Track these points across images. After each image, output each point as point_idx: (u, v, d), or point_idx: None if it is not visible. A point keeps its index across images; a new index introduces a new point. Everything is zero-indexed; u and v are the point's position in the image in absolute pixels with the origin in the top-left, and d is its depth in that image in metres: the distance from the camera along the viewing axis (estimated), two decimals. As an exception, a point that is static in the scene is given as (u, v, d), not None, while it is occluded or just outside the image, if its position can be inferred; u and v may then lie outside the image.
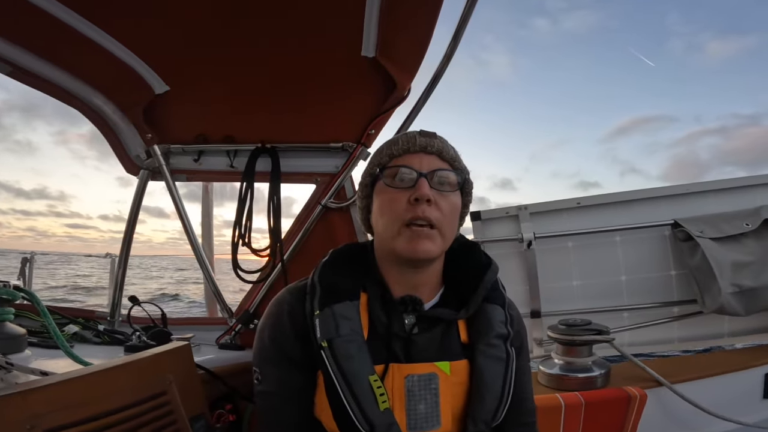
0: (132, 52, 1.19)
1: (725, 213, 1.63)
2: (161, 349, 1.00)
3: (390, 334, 0.74)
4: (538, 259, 1.72)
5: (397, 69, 1.26)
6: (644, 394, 1.30)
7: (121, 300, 1.59)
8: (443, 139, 0.80)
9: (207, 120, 1.47)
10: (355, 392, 0.69)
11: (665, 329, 1.69)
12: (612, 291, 1.71)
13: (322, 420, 0.74)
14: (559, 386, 1.40)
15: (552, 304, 1.72)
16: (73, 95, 1.34)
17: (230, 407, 1.34)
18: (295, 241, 1.52)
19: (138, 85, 1.29)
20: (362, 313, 0.75)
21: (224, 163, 1.53)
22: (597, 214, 1.72)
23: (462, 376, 0.76)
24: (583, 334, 1.39)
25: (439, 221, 0.73)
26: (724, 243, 1.54)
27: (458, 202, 0.78)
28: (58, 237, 66.90)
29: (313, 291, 0.77)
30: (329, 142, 1.49)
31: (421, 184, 0.73)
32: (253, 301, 1.57)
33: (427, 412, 0.73)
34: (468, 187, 0.81)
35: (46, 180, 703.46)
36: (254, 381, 0.80)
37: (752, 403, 1.46)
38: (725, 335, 1.69)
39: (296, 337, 0.76)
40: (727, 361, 1.51)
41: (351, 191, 1.52)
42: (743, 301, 1.49)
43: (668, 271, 1.70)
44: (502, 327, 0.79)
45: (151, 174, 1.53)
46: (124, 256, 1.56)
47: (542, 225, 1.72)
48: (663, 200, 1.70)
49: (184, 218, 1.55)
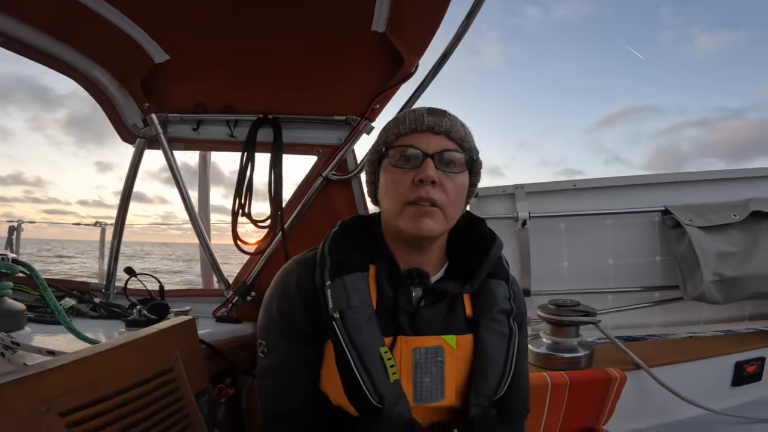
0: (132, 20, 1.13)
1: (715, 203, 1.68)
2: (167, 325, 0.98)
3: (397, 307, 0.75)
4: (531, 239, 1.76)
5: (406, 46, 1.25)
6: (624, 376, 1.36)
7: (116, 271, 1.56)
8: (453, 118, 0.78)
9: (207, 89, 1.43)
10: (366, 364, 0.69)
11: (647, 313, 1.76)
12: (599, 273, 1.77)
13: (328, 393, 0.75)
14: (546, 365, 1.46)
15: (542, 283, 1.77)
16: (69, 65, 1.28)
17: (229, 381, 1.36)
18: (294, 212, 1.52)
19: (138, 55, 1.24)
20: (371, 285, 0.76)
21: (224, 133, 1.49)
22: (591, 197, 1.76)
23: (467, 349, 0.77)
24: (571, 315, 1.45)
25: (443, 202, 0.73)
26: (710, 232, 1.59)
27: (465, 182, 0.78)
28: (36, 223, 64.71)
29: (323, 262, 0.77)
30: (333, 114, 1.47)
31: (426, 165, 0.72)
32: (250, 273, 1.57)
33: (433, 384, 0.74)
34: (476, 167, 0.81)
35: (21, 166, 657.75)
36: (259, 354, 0.79)
37: (722, 390, 1.55)
38: (702, 322, 1.78)
39: (304, 308, 0.76)
40: (702, 348, 1.58)
41: (353, 164, 1.52)
42: (723, 289, 1.55)
43: (654, 256, 1.76)
44: (505, 302, 0.81)
45: (148, 143, 1.48)
46: (120, 225, 1.53)
47: (537, 205, 1.75)
48: (656, 187, 1.75)
49: (181, 186, 1.52)
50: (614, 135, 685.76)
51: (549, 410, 1.35)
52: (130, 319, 1.23)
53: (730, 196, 1.71)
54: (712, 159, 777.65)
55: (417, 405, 0.73)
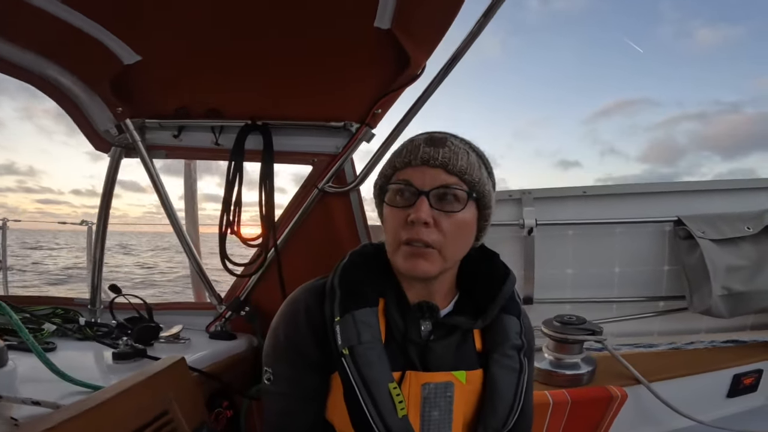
0: (91, 19, 0.98)
1: (728, 214, 1.62)
2: (158, 368, 0.95)
3: (406, 340, 0.74)
4: (537, 245, 1.69)
5: (413, 44, 1.11)
6: (625, 394, 1.35)
7: (100, 286, 1.47)
8: (456, 146, 0.71)
9: (188, 92, 1.28)
10: (375, 399, 0.68)
11: (648, 322, 1.74)
12: (604, 282, 1.73)
13: (334, 423, 0.74)
14: (547, 381, 1.43)
15: (544, 291, 1.73)
16: (25, 69, 1.13)
17: (227, 404, 1.32)
18: (288, 227, 1.41)
19: (103, 56, 1.09)
20: (380, 318, 0.74)
21: (208, 140, 1.36)
22: (601, 204, 1.68)
23: (476, 384, 0.76)
24: (576, 334, 1.41)
25: (439, 242, 0.69)
26: (722, 245, 1.54)
27: (468, 217, 0.72)
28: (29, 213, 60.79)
29: (332, 294, 0.74)
30: (329, 120, 1.34)
31: (419, 206, 0.67)
32: (244, 288, 1.49)
33: (440, 418, 0.73)
34: (485, 200, 0.74)
35: (13, 155, 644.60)
36: (264, 381, 0.78)
37: (716, 402, 1.55)
38: (703, 331, 1.76)
39: (313, 338, 0.74)
40: (703, 361, 1.57)
41: (351, 175, 1.39)
42: (730, 304, 1.52)
43: (662, 266, 1.71)
44: (517, 338, 0.79)
45: (124, 151, 1.34)
46: (100, 240, 1.42)
47: (545, 211, 1.68)
48: (668, 195, 1.68)
49: (164, 198, 1.40)
50: (610, 127, 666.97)
51: (548, 429, 1.34)
52: (117, 351, 1.16)
53: (745, 206, 1.65)
54: (708, 153, 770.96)
55: None
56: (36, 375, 0.99)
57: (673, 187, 1.68)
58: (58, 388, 0.93)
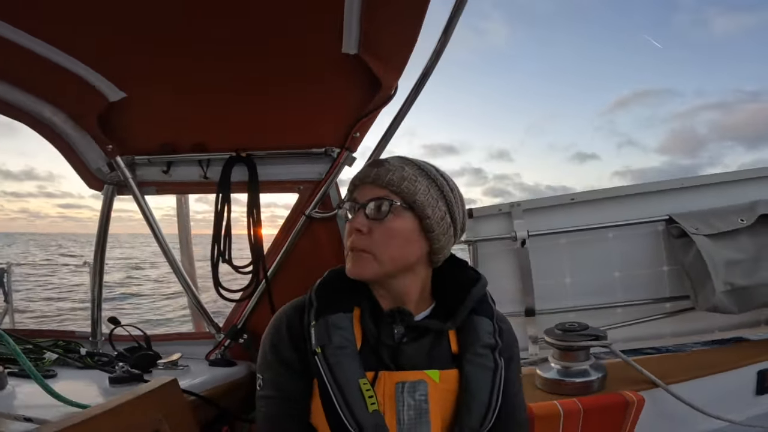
0: (75, 58, 1.04)
1: (720, 208, 1.59)
2: (147, 388, 0.97)
3: (379, 343, 0.78)
4: (532, 257, 1.68)
5: (382, 66, 1.15)
6: (641, 398, 1.29)
7: (100, 318, 1.51)
8: (391, 164, 0.79)
9: (173, 127, 1.34)
10: (345, 395, 0.72)
11: (658, 324, 1.69)
12: (606, 288, 1.69)
13: (317, 426, 0.78)
14: (556, 391, 1.39)
15: (545, 301, 1.70)
16: (19, 109, 1.19)
17: (226, 429, 1.33)
18: (279, 256, 1.44)
19: (88, 94, 1.15)
20: (356, 326, 0.79)
21: (197, 174, 1.40)
22: (591, 210, 1.66)
23: (452, 383, 0.79)
24: (580, 340, 1.37)
25: (371, 248, 0.77)
26: (718, 240, 1.50)
27: (398, 225, 0.77)
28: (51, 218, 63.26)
29: (310, 305, 0.81)
30: (311, 147, 1.37)
31: (355, 217, 0.78)
32: (240, 316, 1.51)
33: (417, 418, 0.76)
34: (420, 209, 0.78)
35: (32, 161, 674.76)
36: (257, 387, 0.83)
37: (745, 400, 1.48)
38: (717, 329, 1.70)
39: (293, 345, 0.80)
40: (721, 359, 1.51)
41: (336, 199, 1.42)
42: (736, 299, 1.48)
43: (661, 266, 1.67)
44: (489, 337, 0.82)
45: (117, 188, 1.40)
46: (98, 274, 1.47)
47: (535, 222, 1.67)
48: (657, 195, 1.66)
49: (157, 233, 1.45)
50: (628, 118, 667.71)
51: None
52: (113, 376, 1.19)
53: (735, 199, 1.62)
54: (730, 142, 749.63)
55: None
56: (34, 398, 1.03)
57: (661, 186, 1.66)
58: (53, 410, 0.97)
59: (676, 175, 62.09)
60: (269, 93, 1.24)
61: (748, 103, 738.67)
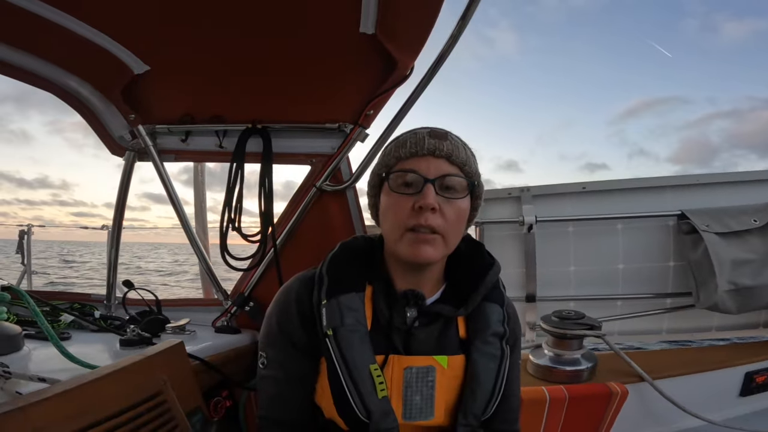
0: (103, 33, 1.09)
1: (733, 207, 1.58)
2: (154, 350, 1.00)
3: (391, 327, 0.77)
4: (538, 242, 1.69)
5: (398, 48, 1.17)
6: (625, 390, 1.32)
7: (115, 283, 1.57)
8: (455, 140, 0.76)
9: (193, 99, 1.38)
10: (356, 380, 0.71)
11: (656, 320, 1.69)
12: (608, 279, 1.70)
13: (322, 406, 0.77)
14: (547, 377, 1.42)
15: (547, 288, 1.72)
16: (44, 79, 1.25)
17: (226, 393, 1.37)
18: (288, 225, 1.48)
19: (114, 67, 1.20)
20: (366, 305, 0.77)
21: (213, 143, 1.45)
22: (601, 200, 1.67)
23: (458, 370, 0.78)
24: (574, 329, 1.39)
25: (443, 228, 0.72)
26: (728, 239, 1.50)
27: (466, 207, 0.76)
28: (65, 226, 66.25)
29: (321, 282, 0.78)
30: (325, 122, 1.41)
31: (427, 192, 0.71)
32: (248, 284, 1.55)
33: (423, 403, 0.75)
34: (478, 190, 0.79)
35: (45, 169, 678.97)
36: (259, 365, 0.82)
37: (728, 400, 1.49)
38: (714, 329, 1.70)
39: (302, 323, 0.78)
40: (712, 358, 1.52)
41: (347, 173, 1.45)
42: (738, 299, 1.48)
43: (667, 262, 1.67)
44: (499, 325, 0.81)
45: (137, 155, 1.45)
46: (116, 238, 1.53)
47: (544, 208, 1.68)
48: (670, 189, 1.65)
49: (174, 198, 1.50)
50: (639, 127, 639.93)
51: (546, 427, 1.32)
52: (124, 338, 1.24)
53: (749, 199, 1.61)
54: (742, 151, 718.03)
55: (406, 423, 0.75)
56: (49, 360, 1.07)
57: (675, 181, 1.65)
58: (66, 370, 1.01)
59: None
60: (287, 69, 1.27)
61: (762, 110, 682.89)
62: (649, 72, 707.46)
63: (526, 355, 1.52)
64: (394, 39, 1.13)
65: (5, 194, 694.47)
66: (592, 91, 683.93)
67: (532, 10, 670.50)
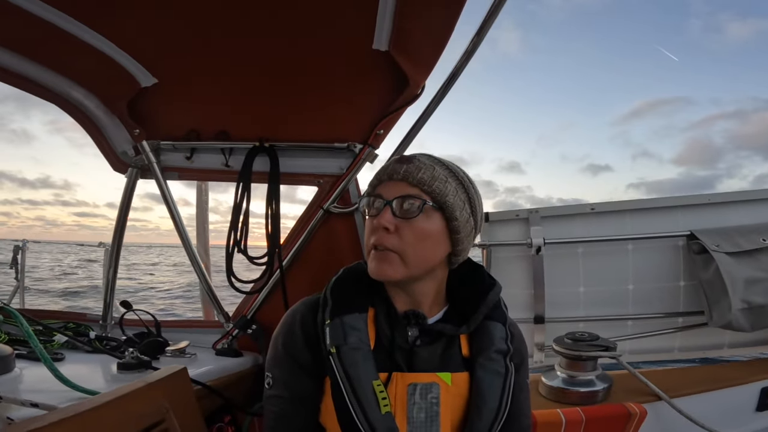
0: (114, 43, 1.06)
1: (743, 226, 1.58)
2: (156, 377, 0.96)
3: (393, 346, 0.78)
4: (546, 263, 1.67)
5: (411, 64, 1.16)
6: (644, 410, 1.29)
7: (112, 302, 1.52)
8: (421, 162, 0.77)
9: (199, 115, 1.36)
10: (359, 396, 0.72)
11: (667, 339, 1.68)
12: (618, 299, 1.68)
13: (326, 425, 0.77)
14: (560, 399, 1.39)
15: (556, 309, 1.69)
16: (48, 89, 1.21)
17: (229, 419, 1.32)
18: (294, 248, 1.44)
19: (122, 78, 1.17)
20: (370, 326, 0.79)
21: (219, 162, 1.42)
22: (610, 221, 1.66)
23: (462, 387, 0.78)
24: (589, 350, 1.37)
25: (399, 248, 0.74)
26: (739, 258, 1.50)
27: (428, 226, 0.75)
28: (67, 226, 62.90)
29: (325, 303, 0.80)
30: (333, 141, 1.38)
31: (382, 214, 0.75)
32: (251, 307, 1.51)
33: (427, 420, 0.75)
34: (449, 210, 0.77)
35: (47, 169, 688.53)
36: (265, 385, 0.82)
37: (745, 415, 1.48)
38: (726, 346, 1.70)
39: (306, 344, 0.79)
40: (726, 375, 1.51)
41: (355, 195, 1.43)
42: (751, 317, 1.47)
43: (678, 281, 1.67)
44: (502, 343, 0.81)
45: (140, 172, 1.41)
46: (114, 257, 1.48)
47: (553, 229, 1.66)
48: (680, 210, 1.65)
49: (176, 219, 1.46)
50: (642, 128, 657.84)
51: None
52: (122, 362, 1.19)
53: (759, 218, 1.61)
54: (747, 152, 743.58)
55: None
56: (41, 382, 1.02)
57: (684, 201, 1.65)
58: (60, 394, 0.96)
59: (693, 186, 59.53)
60: (296, 86, 1.25)
61: (766, 111, 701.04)
62: (652, 73, 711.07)
63: (537, 377, 1.49)
64: (407, 56, 1.12)
65: (8, 194, 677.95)
66: (595, 92, 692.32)
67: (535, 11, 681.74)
